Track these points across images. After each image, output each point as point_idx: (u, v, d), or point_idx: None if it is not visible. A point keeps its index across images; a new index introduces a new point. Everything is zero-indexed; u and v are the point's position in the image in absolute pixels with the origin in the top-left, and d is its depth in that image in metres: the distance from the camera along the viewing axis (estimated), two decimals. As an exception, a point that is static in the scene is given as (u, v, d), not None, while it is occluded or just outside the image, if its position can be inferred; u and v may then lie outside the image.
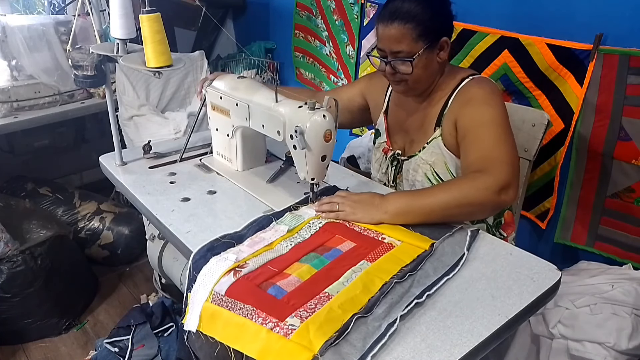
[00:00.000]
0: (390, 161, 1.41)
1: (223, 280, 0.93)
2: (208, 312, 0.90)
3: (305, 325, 0.82)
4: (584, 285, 1.45)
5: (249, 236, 1.07)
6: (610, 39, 1.44)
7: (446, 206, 1.09)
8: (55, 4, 2.61)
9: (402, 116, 1.39)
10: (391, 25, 1.17)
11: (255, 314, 0.85)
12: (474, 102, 1.21)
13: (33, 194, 2.44)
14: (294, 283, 0.93)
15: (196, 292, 0.95)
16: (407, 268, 0.96)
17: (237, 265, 0.96)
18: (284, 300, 0.88)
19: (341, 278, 0.94)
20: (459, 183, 1.12)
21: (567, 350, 1.37)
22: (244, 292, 0.90)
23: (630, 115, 1.45)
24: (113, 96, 1.50)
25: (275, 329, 0.82)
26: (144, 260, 2.39)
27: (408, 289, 0.92)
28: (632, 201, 1.52)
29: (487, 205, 1.10)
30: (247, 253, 1.00)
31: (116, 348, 1.60)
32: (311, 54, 2.61)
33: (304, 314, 0.84)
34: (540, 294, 0.94)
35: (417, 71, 1.21)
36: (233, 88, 1.33)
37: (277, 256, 1.01)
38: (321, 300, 0.88)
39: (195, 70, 2.53)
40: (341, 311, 0.85)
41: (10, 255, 1.87)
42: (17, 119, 2.21)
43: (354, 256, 1.01)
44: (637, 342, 1.31)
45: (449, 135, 1.25)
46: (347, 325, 0.82)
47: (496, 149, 1.13)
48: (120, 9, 1.22)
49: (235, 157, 1.41)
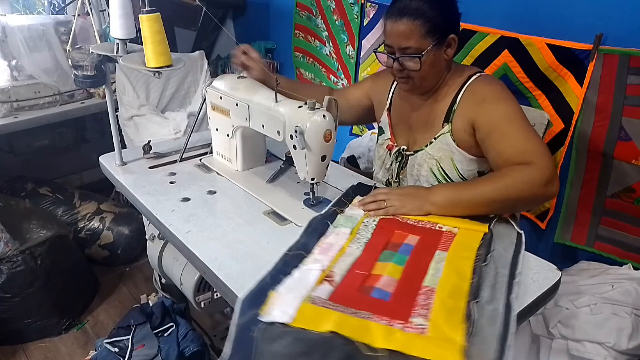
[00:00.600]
0: (395, 157, 1.41)
1: (320, 288, 0.90)
2: (308, 311, 0.84)
3: (433, 322, 0.81)
4: (584, 285, 1.45)
5: (313, 243, 1.05)
6: (610, 39, 1.44)
7: (493, 199, 1.10)
8: (55, 4, 2.61)
9: (406, 112, 1.39)
10: (400, 21, 1.18)
11: (376, 317, 0.83)
12: (490, 100, 1.21)
13: (33, 194, 2.44)
14: (391, 283, 0.92)
15: (284, 294, 0.89)
16: (481, 251, 1.00)
17: (325, 275, 0.94)
18: (394, 301, 0.88)
19: (430, 270, 0.95)
20: (504, 177, 1.12)
21: (567, 350, 1.37)
22: (350, 299, 0.88)
23: (630, 115, 1.45)
24: (113, 96, 1.50)
25: (406, 329, 0.80)
26: (144, 260, 2.39)
27: (496, 270, 0.95)
28: (632, 201, 1.52)
29: (535, 198, 1.12)
30: (327, 261, 0.98)
31: (116, 348, 1.60)
32: (311, 54, 2.61)
33: (422, 311, 0.84)
34: (540, 294, 0.94)
35: (425, 68, 1.21)
36: (233, 88, 1.33)
37: (354, 259, 1.00)
38: (428, 295, 0.88)
39: (195, 70, 2.53)
40: (453, 301, 0.86)
41: (10, 255, 1.87)
42: (17, 119, 2.21)
43: (426, 248, 1.02)
44: (637, 342, 1.31)
45: (463, 132, 1.25)
46: (469, 312, 0.83)
47: (530, 143, 1.13)
48: (120, 9, 1.22)
49: (235, 157, 1.41)
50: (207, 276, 1.04)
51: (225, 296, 0.99)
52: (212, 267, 1.01)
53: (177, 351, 1.55)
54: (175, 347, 1.57)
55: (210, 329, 1.88)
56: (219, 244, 1.09)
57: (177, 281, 1.48)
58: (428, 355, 0.74)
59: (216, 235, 1.11)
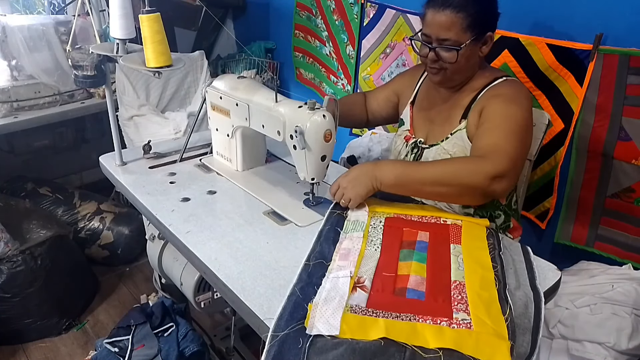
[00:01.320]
0: (410, 148, 1.41)
1: (354, 296, 0.89)
2: (352, 321, 0.83)
3: (474, 315, 0.83)
4: (584, 285, 1.45)
5: (330, 250, 1.03)
6: (610, 39, 1.44)
7: (437, 181, 1.10)
8: (55, 4, 2.61)
9: (429, 105, 1.40)
10: (442, 12, 1.17)
11: (420, 318, 0.83)
12: (503, 97, 1.22)
13: (33, 194, 2.44)
14: (421, 281, 0.93)
15: (322, 305, 0.87)
16: (491, 240, 1.03)
17: (354, 282, 0.93)
18: (431, 299, 0.88)
19: (452, 264, 0.96)
20: (455, 161, 1.15)
21: (567, 350, 1.37)
22: (387, 303, 0.88)
23: (630, 115, 1.45)
24: (113, 96, 1.50)
25: (452, 326, 0.81)
26: (144, 260, 2.39)
27: (512, 257, 0.98)
28: (632, 201, 1.52)
29: (477, 190, 1.10)
30: (352, 266, 0.97)
31: (116, 348, 1.60)
32: (311, 54, 2.61)
33: (460, 306, 0.85)
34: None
35: (461, 61, 1.21)
36: (233, 88, 1.33)
37: (377, 261, 0.99)
38: (459, 289, 0.89)
39: (195, 70, 2.53)
40: (486, 292, 0.87)
41: (10, 255, 1.87)
42: (17, 119, 2.21)
43: (440, 242, 1.04)
44: (637, 342, 1.31)
45: (473, 126, 1.26)
46: (504, 301, 0.85)
47: (504, 141, 1.14)
48: (119, 9, 1.22)
49: (235, 157, 1.41)
50: (207, 276, 1.04)
51: (225, 296, 0.99)
52: (212, 267, 1.01)
53: (177, 351, 1.55)
54: (175, 347, 1.57)
55: (210, 329, 1.88)
56: (219, 244, 1.09)
57: (177, 281, 1.48)
58: (479, 356, 0.75)
59: (216, 235, 1.12)
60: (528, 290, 0.88)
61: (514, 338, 0.78)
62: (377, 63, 2.20)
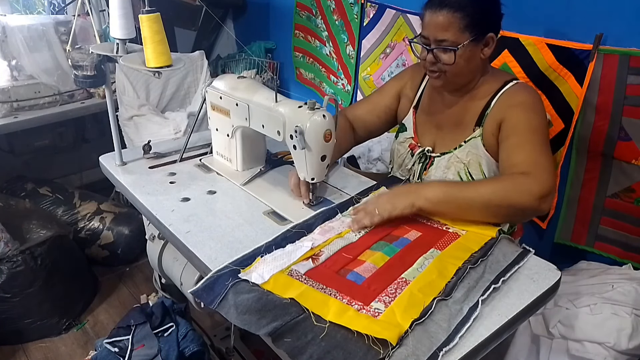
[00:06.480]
0: (418, 157, 1.37)
1: (302, 263, 0.97)
2: (281, 280, 0.92)
3: (391, 309, 0.85)
4: (584, 285, 1.45)
5: (317, 225, 1.12)
6: (610, 39, 1.44)
7: (487, 203, 1.07)
8: (55, 4, 2.61)
9: (435, 111, 1.36)
10: (439, 12, 1.16)
11: (340, 296, 0.88)
12: (524, 107, 1.19)
13: (33, 194, 2.44)
14: (370, 269, 0.96)
15: (268, 261, 0.98)
16: (477, 254, 1.00)
17: (313, 253, 1.00)
18: (365, 285, 0.91)
19: (414, 264, 0.97)
20: (503, 182, 1.11)
21: (567, 350, 1.37)
22: (325, 277, 0.94)
23: (630, 115, 1.45)
24: (113, 96, 1.50)
25: (362, 311, 0.84)
26: (144, 260, 2.39)
27: (482, 274, 0.95)
28: (632, 201, 1.52)
29: (527, 210, 1.09)
30: (321, 241, 1.05)
31: (116, 348, 1.60)
32: (311, 54, 2.61)
33: (386, 298, 0.87)
34: (540, 294, 0.94)
35: (459, 63, 1.19)
36: (233, 88, 1.33)
37: (347, 244, 1.05)
38: (400, 285, 0.91)
39: (195, 70, 2.53)
40: (422, 295, 0.88)
41: (10, 255, 1.87)
42: (17, 119, 2.21)
43: (423, 244, 1.04)
44: (637, 342, 1.31)
45: (491, 135, 1.23)
46: (430, 307, 0.85)
47: (542, 156, 1.13)
48: (119, 9, 1.22)
49: (235, 157, 1.41)
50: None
51: (225, 296, 0.99)
52: (212, 267, 1.01)
53: (177, 351, 1.55)
54: (175, 347, 1.57)
55: (210, 329, 1.88)
56: (218, 244, 1.09)
57: (177, 281, 1.48)
58: (366, 331, 0.78)
59: (216, 235, 1.11)
60: (466, 306, 0.86)
61: (411, 332, 0.80)
62: (377, 63, 2.20)
